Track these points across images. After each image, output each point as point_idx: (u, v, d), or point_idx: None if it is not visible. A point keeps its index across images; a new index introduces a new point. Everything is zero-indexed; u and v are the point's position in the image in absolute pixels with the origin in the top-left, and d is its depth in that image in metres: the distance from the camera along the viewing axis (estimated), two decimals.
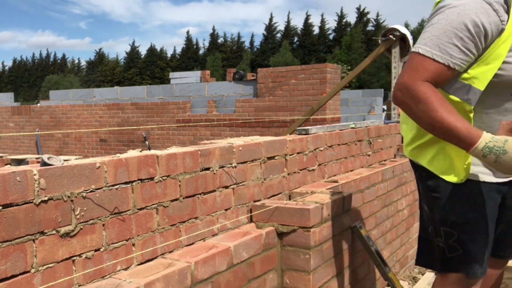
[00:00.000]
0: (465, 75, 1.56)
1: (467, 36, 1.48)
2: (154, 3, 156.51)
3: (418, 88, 1.52)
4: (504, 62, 1.54)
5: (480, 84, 1.56)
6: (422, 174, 1.77)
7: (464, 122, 1.47)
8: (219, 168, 1.85)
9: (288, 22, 64.57)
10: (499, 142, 1.42)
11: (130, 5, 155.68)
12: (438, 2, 1.59)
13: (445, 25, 1.51)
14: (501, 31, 1.51)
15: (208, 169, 1.79)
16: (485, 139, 1.43)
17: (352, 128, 2.99)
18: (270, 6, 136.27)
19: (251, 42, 70.89)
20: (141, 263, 1.52)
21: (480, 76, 1.55)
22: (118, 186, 1.44)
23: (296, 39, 63.36)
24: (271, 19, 65.37)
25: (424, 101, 1.50)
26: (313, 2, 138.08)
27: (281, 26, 65.98)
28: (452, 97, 1.59)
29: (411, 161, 1.84)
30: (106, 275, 1.41)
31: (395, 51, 4.82)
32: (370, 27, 55.33)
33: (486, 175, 1.69)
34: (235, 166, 1.93)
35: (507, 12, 1.51)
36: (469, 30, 1.48)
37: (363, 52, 45.82)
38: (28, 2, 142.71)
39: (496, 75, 1.55)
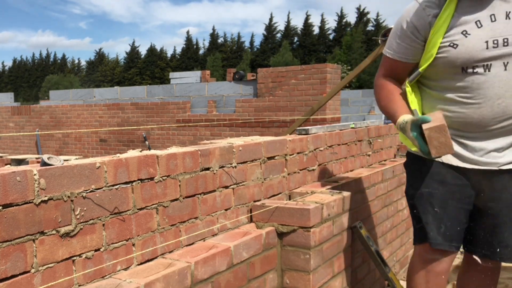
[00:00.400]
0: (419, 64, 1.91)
1: (402, 33, 1.88)
2: (154, 3, 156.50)
3: (375, 82, 2.04)
4: (440, 47, 1.82)
5: (422, 68, 1.90)
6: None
7: (395, 106, 1.91)
8: (219, 168, 1.85)
9: (288, 22, 64.57)
10: (403, 123, 1.81)
11: (130, 5, 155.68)
12: None
13: (393, 28, 1.95)
14: (431, 23, 1.82)
15: (208, 169, 1.79)
16: (399, 120, 1.84)
17: (352, 128, 2.99)
18: (270, 6, 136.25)
19: (251, 42, 70.89)
20: (141, 263, 1.52)
21: (423, 61, 1.88)
22: (118, 186, 1.44)
23: (296, 39, 63.36)
24: (271, 19, 65.37)
25: (376, 93, 2.03)
26: (313, 2, 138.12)
27: (281, 26, 65.98)
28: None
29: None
30: (106, 275, 1.41)
31: None
32: (370, 27, 55.31)
33: (446, 157, 1.91)
34: (235, 166, 1.93)
35: (440, 7, 1.81)
36: (402, 28, 1.87)
37: (363, 52, 45.80)
38: (28, 2, 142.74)
39: (435, 59, 1.84)
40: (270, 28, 64.50)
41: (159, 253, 1.59)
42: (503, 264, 3.34)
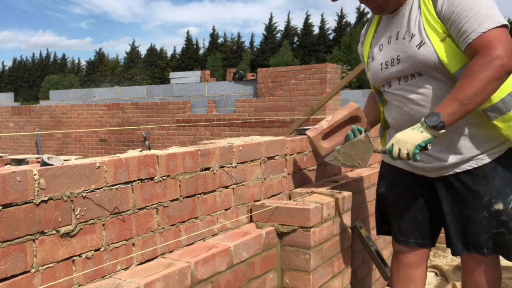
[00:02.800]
0: None
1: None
2: (155, 3, 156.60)
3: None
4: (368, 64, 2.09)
5: (372, 87, 2.15)
6: None
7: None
8: (219, 168, 1.85)
9: (288, 22, 64.56)
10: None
11: (131, 5, 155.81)
12: None
13: None
14: (363, 43, 2.13)
15: (208, 169, 1.79)
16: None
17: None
18: (271, 6, 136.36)
19: (251, 42, 70.89)
20: (141, 263, 1.52)
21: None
22: (118, 186, 1.44)
23: (296, 39, 63.35)
24: (271, 19, 65.37)
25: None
26: (314, 2, 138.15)
27: (281, 26, 66.01)
28: None
29: None
30: (106, 275, 1.41)
31: None
32: None
33: (394, 161, 2.06)
34: (235, 166, 1.93)
35: (367, 30, 2.10)
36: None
37: None
38: (29, 2, 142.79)
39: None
40: (270, 28, 64.49)
41: (159, 253, 1.59)
42: (503, 264, 3.35)
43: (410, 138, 1.71)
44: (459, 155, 1.85)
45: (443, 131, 1.68)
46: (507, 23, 1.65)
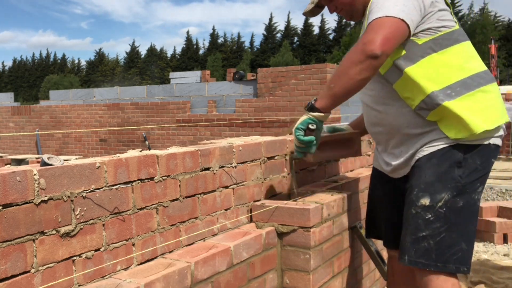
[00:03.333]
0: None
1: None
2: (155, 3, 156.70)
3: None
4: None
5: None
6: None
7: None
8: (219, 168, 1.85)
9: (288, 22, 64.57)
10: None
11: (131, 5, 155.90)
12: None
13: None
14: None
15: (208, 169, 1.79)
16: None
17: None
18: (271, 6, 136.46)
19: (251, 42, 70.87)
20: (141, 263, 1.52)
21: None
22: (118, 186, 1.44)
23: (296, 39, 63.33)
24: (271, 19, 65.37)
25: None
26: None
27: (281, 26, 65.99)
28: None
29: None
30: (106, 275, 1.41)
31: None
32: None
33: (375, 161, 2.10)
34: (235, 166, 1.93)
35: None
36: None
37: None
38: (29, 2, 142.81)
39: None
40: (270, 28, 64.47)
41: (159, 253, 1.59)
42: (503, 263, 3.34)
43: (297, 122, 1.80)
44: (403, 156, 1.86)
45: (317, 113, 1.75)
46: (397, 15, 1.62)
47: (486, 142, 1.74)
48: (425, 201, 1.73)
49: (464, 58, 1.78)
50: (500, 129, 1.77)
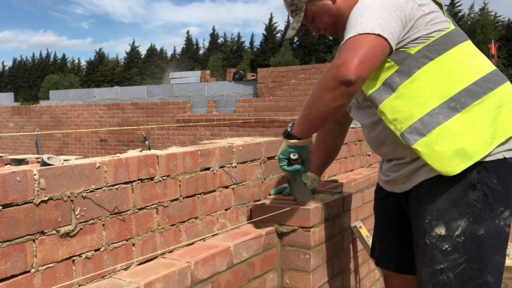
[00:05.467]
0: None
1: None
2: (156, 3, 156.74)
3: None
4: None
5: None
6: None
7: (315, 154, 2.01)
8: (219, 168, 1.85)
9: (288, 22, 64.49)
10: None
11: (132, 5, 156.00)
12: None
13: None
14: None
15: (208, 169, 1.79)
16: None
17: (352, 128, 2.99)
18: (272, 6, 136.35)
19: (251, 42, 70.88)
20: (141, 263, 1.52)
21: None
22: (118, 186, 1.44)
23: (296, 39, 63.31)
24: (271, 19, 65.35)
25: None
26: None
27: (281, 26, 65.95)
28: None
29: None
30: (106, 275, 1.41)
31: None
32: None
33: (379, 175, 1.92)
34: (235, 166, 1.93)
35: None
36: None
37: None
38: (30, 2, 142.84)
39: None
40: (270, 28, 64.48)
41: (159, 253, 1.59)
42: None
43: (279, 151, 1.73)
44: (407, 166, 1.66)
45: (295, 140, 1.65)
46: (371, 31, 1.46)
47: (501, 157, 1.52)
48: (440, 230, 1.54)
49: (466, 61, 1.58)
50: None
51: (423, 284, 1.60)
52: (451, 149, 1.50)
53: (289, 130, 1.67)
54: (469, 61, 1.59)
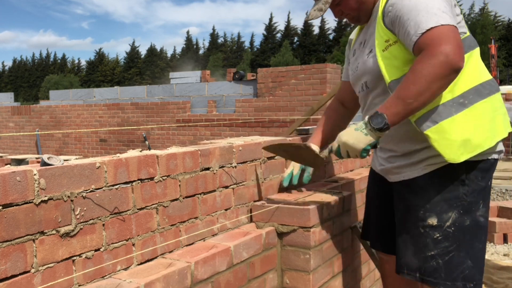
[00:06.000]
0: None
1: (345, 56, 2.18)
2: (156, 3, 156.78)
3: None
4: None
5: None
6: None
7: (316, 129, 2.18)
8: (219, 168, 1.85)
9: (288, 22, 64.57)
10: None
11: (132, 5, 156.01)
12: None
13: None
14: (348, 50, 2.12)
15: (208, 169, 1.79)
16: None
17: None
18: (272, 6, 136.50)
19: (251, 42, 70.88)
20: (141, 263, 1.52)
21: None
22: (118, 186, 1.44)
23: (296, 39, 63.33)
24: (271, 19, 65.37)
25: None
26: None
27: (281, 26, 66.01)
28: None
29: None
30: (106, 275, 1.41)
31: None
32: None
33: (372, 161, 2.09)
34: (235, 166, 1.93)
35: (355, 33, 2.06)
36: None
37: None
38: (30, 2, 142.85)
39: None
40: (270, 28, 64.46)
41: (159, 253, 1.59)
42: (503, 263, 3.33)
43: (355, 141, 1.66)
44: (397, 161, 1.81)
45: (387, 131, 1.63)
46: (449, 23, 1.56)
47: (485, 158, 1.70)
48: (433, 221, 1.71)
49: (476, 65, 1.73)
50: (500, 144, 1.73)
51: (414, 269, 1.76)
52: (459, 139, 1.63)
53: (386, 121, 1.59)
54: (478, 65, 1.74)
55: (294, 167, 2.08)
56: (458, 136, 1.63)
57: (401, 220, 1.84)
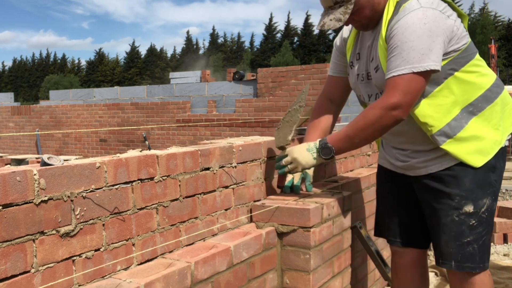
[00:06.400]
0: None
1: (333, 51, 2.18)
2: (156, 3, 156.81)
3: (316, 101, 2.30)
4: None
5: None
6: None
7: (312, 132, 2.14)
8: (219, 168, 1.85)
9: (288, 22, 64.56)
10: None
11: (133, 5, 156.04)
12: None
13: None
14: (343, 46, 2.10)
15: (208, 169, 1.79)
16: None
17: None
18: (272, 6, 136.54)
19: (251, 42, 70.88)
20: (141, 263, 1.52)
21: None
22: (118, 186, 1.44)
23: (296, 39, 63.33)
24: (271, 19, 65.37)
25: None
26: (314, 2, 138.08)
27: (281, 26, 66.01)
28: None
29: None
30: (106, 275, 1.41)
31: None
32: None
33: (380, 159, 2.18)
34: (235, 166, 1.93)
35: (350, 31, 2.05)
36: (334, 46, 2.17)
37: None
38: (30, 2, 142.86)
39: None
40: (270, 28, 64.46)
41: (159, 253, 1.59)
42: (503, 263, 3.33)
43: (304, 160, 1.86)
44: (422, 156, 1.88)
45: (330, 159, 1.85)
46: (425, 69, 1.65)
47: (504, 145, 1.85)
48: (469, 208, 1.80)
49: (481, 71, 1.83)
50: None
51: (451, 256, 1.83)
52: (473, 148, 1.79)
53: (333, 154, 1.83)
54: (482, 70, 1.83)
55: (294, 176, 2.07)
56: (471, 146, 1.78)
57: (431, 212, 1.90)
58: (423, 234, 2.06)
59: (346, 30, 2.11)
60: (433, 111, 1.78)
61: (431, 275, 3.20)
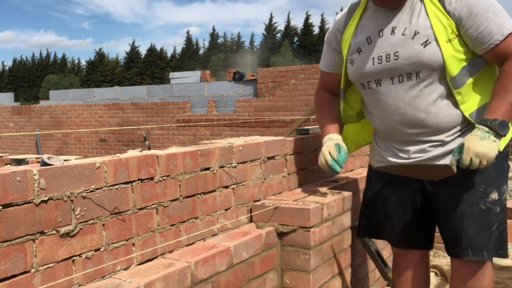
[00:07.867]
0: None
1: (325, 46, 2.12)
2: (157, 3, 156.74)
3: (314, 97, 2.27)
4: (346, 63, 1.98)
5: (342, 83, 2.07)
6: None
7: (325, 123, 2.11)
8: (219, 168, 1.85)
9: (288, 22, 64.54)
10: (328, 139, 2.06)
11: (133, 5, 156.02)
12: None
13: None
14: (340, 40, 2.01)
15: (208, 169, 1.79)
16: (324, 139, 2.07)
17: None
18: (272, 6, 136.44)
19: (251, 42, 70.89)
20: (141, 263, 1.52)
21: (343, 78, 2.04)
22: (118, 186, 1.44)
23: (296, 39, 63.32)
24: (271, 19, 65.36)
25: (314, 104, 2.28)
26: (314, 2, 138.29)
27: (281, 26, 65.99)
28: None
29: None
30: (106, 275, 1.41)
31: None
32: None
33: (376, 161, 2.07)
34: (235, 166, 1.93)
35: (346, 25, 1.97)
36: (325, 41, 2.11)
37: None
38: (31, 2, 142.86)
39: (345, 74, 2.01)
40: (270, 28, 64.47)
41: (159, 253, 1.59)
42: (503, 263, 3.33)
43: (489, 150, 1.66)
44: (449, 145, 1.82)
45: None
46: None
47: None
48: (495, 195, 1.79)
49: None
50: None
51: (483, 246, 1.79)
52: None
53: (509, 123, 1.71)
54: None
55: (330, 151, 1.99)
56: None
57: (452, 205, 1.85)
58: (427, 235, 2.03)
59: (340, 23, 2.02)
60: (478, 90, 1.78)
61: (431, 275, 3.20)
